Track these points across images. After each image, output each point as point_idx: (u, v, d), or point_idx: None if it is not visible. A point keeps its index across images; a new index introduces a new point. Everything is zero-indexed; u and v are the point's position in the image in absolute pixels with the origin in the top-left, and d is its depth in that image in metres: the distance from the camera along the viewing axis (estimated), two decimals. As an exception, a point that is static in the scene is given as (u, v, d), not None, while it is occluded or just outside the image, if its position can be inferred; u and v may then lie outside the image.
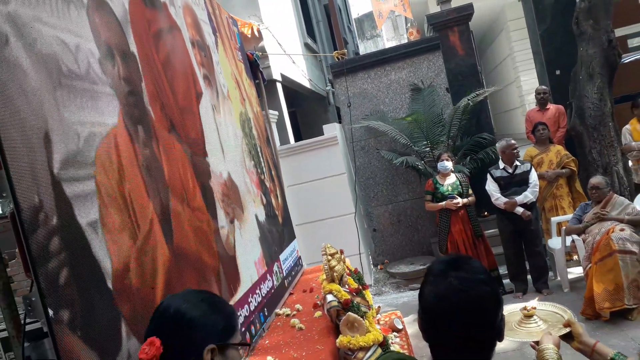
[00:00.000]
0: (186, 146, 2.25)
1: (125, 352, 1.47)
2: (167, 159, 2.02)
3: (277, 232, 3.65)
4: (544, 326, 1.49)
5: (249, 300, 2.66)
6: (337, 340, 2.77)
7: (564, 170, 5.35)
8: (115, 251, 1.51)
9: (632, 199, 4.87)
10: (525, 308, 1.57)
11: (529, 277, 5.07)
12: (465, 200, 5.02)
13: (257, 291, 2.84)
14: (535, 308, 1.56)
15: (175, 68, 2.33)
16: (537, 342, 1.40)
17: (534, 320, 1.52)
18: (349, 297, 3.14)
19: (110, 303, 1.44)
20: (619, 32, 6.24)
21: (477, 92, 6.30)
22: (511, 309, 1.64)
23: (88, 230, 1.41)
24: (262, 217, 3.30)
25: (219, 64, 3.03)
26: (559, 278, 5.02)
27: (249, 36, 5.11)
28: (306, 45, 8.96)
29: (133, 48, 1.91)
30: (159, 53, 2.15)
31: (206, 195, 2.35)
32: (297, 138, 7.77)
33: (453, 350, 1.06)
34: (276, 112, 6.03)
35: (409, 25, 10.02)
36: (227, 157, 2.81)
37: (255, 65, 4.67)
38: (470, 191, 5.13)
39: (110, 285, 1.45)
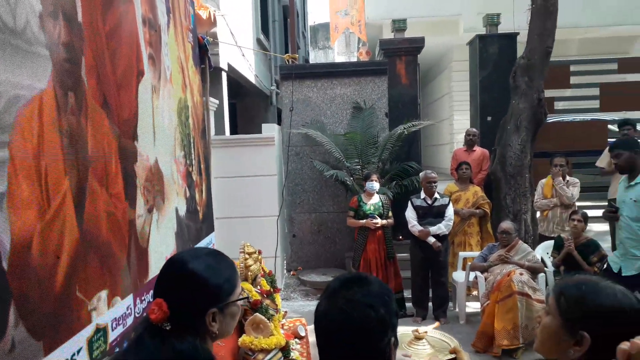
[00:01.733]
0: (116, 126, 2.13)
1: (9, 340, 1.35)
2: (94, 136, 1.91)
3: (195, 228, 3.56)
4: (430, 350, 1.58)
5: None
6: (240, 339, 2.76)
7: (477, 211, 5.69)
8: (18, 228, 1.40)
9: (534, 248, 5.29)
10: (417, 330, 1.66)
11: (430, 304, 5.33)
12: (384, 221, 5.21)
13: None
14: (426, 332, 1.66)
15: (121, 41, 2.21)
16: None
17: (423, 343, 1.62)
18: (259, 298, 3.14)
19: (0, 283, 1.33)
20: (549, 93, 6.76)
21: (413, 122, 6.55)
22: (404, 330, 1.74)
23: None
24: (182, 211, 3.21)
25: (167, 45, 2.92)
26: (457, 309, 5.32)
27: (204, 19, 4.99)
28: (258, 41, 8.89)
29: (79, 12, 1.80)
30: (106, 23, 2.04)
31: (127, 182, 2.24)
32: (233, 131, 7.66)
33: None
34: (217, 101, 5.91)
35: (360, 45, 10.24)
36: (158, 143, 2.70)
37: (204, 50, 4.56)
38: (390, 214, 5.33)
39: (4, 264, 1.34)
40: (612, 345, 1.00)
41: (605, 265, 4.17)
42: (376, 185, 5.29)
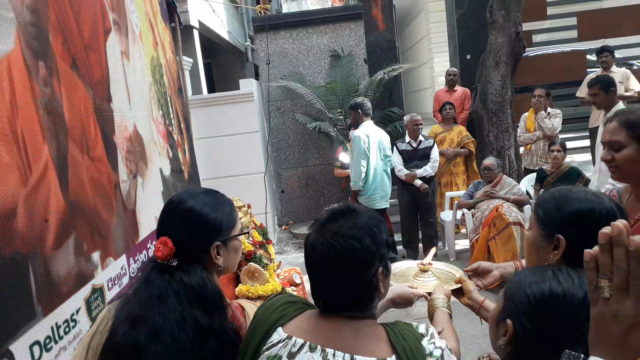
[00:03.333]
0: (90, 88, 2.08)
1: (9, 302, 1.37)
2: (68, 99, 1.85)
3: (182, 187, 3.54)
4: (436, 281, 1.62)
5: (148, 247, 2.59)
6: (237, 289, 2.82)
7: (462, 150, 5.74)
8: (1, 194, 1.38)
9: (519, 182, 5.39)
10: (422, 263, 1.69)
11: (420, 245, 5.46)
12: None
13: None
14: (431, 264, 1.69)
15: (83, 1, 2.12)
16: (430, 294, 1.52)
17: (429, 275, 1.65)
18: (252, 248, 3.19)
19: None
20: (527, 26, 6.69)
21: (393, 67, 6.48)
22: (408, 264, 1.78)
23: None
24: (167, 171, 3.18)
25: (133, 1, 2.81)
26: (447, 248, 5.46)
27: (168, -25, 4.78)
28: (228, -5, 8.57)
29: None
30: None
31: (108, 145, 2.20)
32: (211, 91, 7.51)
33: (327, 296, 1.11)
34: (191, 60, 5.76)
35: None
36: (134, 105, 2.64)
37: (172, 7, 4.40)
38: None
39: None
40: (586, 246, 1.04)
41: None
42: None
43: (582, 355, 0.87)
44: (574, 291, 0.93)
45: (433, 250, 1.82)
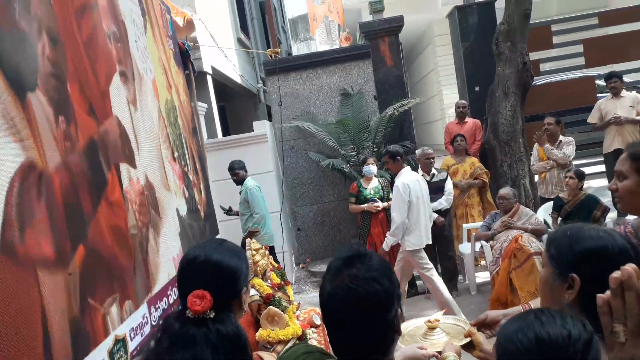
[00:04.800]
0: (103, 134, 2.15)
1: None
2: (85, 145, 1.92)
3: (199, 227, 3.59)
4: (446, 338, 1.59)
5: (168, 293, 2.61)
6: (257, 334, 2.79)
7: (476, 181, 5.72)
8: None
9: (535, 211, 5.32)
10: (429, 321, 1.67)
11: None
12: (384, 204, 5.23)
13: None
14: (438, 320, 1.66)
15: (98, 49, 2.22)
16: (440, 353, 1.50)
17: (438, 332, 1.63)
18: (270, 291, 3.17)
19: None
20: (534, 56, 6.77)
21: (402, 102, 6.57)
22: (416, 323, 1.74)
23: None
24: (183, 211, 3.23)
25: (146, 48, 2.93)
26: (467, 281, 5.36)
27: (182, 25, 4.98)
28: (239, 41, 8.87)
29: (58, 24, 1.81)
30: (82, 32, 2.04)
31: (124, 190, 2.26)
32: (225, 133, 7.67)
33: (348, 343, 1.10)
34: (205, 105, 5.92)
35: (341, 31, 10.23)
36: (142, 155, 2.70)
37: (185, 56, 4.56)
38: (391, 195, 5.35)
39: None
40: (600, 285, 1.03)
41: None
42: (373, 168, 5.31)
43: None
44: (557, 332, 0.90)
45: (441, 313, 1.78)
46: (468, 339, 1.50)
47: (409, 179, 4.43)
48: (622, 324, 0.67)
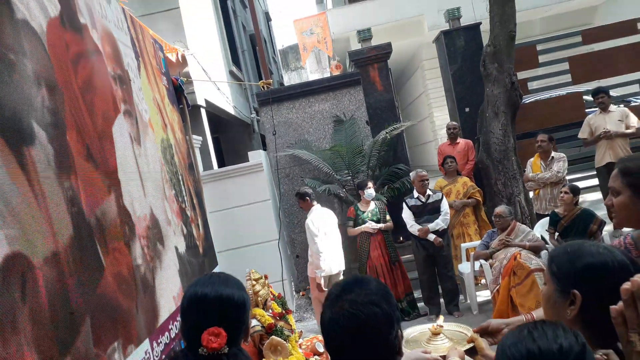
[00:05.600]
0: (105, 178, 2.19)
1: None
2: (86, 193, 1.95)
3: (198, 263, 3.59)
4: (449, 343, 1.62)
5: (169, 327, 2.61)
6: (260, 365, 2.78)
7: (469, 200, 5.77)
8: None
9: (532, 227, 5.36)
10: (433, 327, 1.70)
11: (441, 300, 5.36)
12: (381, 225, 5.26)
13: (178, 318, 2.78)
14: (442, 327, 1.70)
15: (95, 93, 2.28)
16: (444, 357, 1.52)
17: (441, 337, 1.66)
18: (272, 321, 3.18)
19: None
20: (521, 75, 6.91)
21: (394, 126, 6.66)
22: (420, 329, 1.78)
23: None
24: (182, 248, 3.24)
25: (141, 89, 3.00)
26: (468, 301, 5.35)
27: (174, 61, 5.09)
28: (231, 73, 9.02)
29: (55, 71, 1.87)
30: (78, 77, 2.10)
31: (125, 232, 2.29)
32: (221, 164, 7.73)
33: None
34: (200, 138, 5.99)
35: (332, 59, 10.43)
36: (148, 191, 2.75)
37: (179, 91, 4.65)
38: (388, 217, 5.40)
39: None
40: (602, 300, 1.06)
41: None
42: (373, 191, 5.39)
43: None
44: (548, 346, 0.94)
45: (441, 319, 1.81)
46: (471, 344, 1.53)
47: (315, 217, 4.95)
48: (638, 333, 0.69)
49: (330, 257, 4.92)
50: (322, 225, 4.94)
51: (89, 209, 1.95)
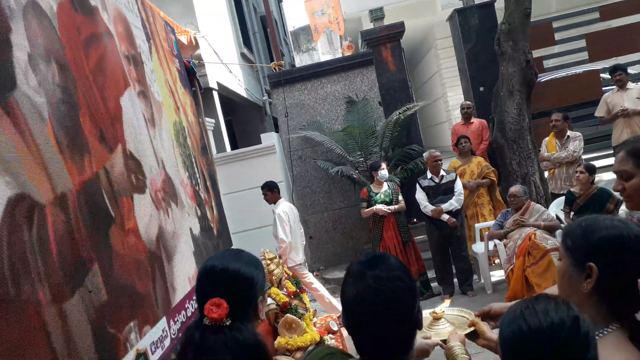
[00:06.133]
0: (120, 158, 2.21)
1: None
2: (99, 172, 1.98)
3: (212, 245, 3.63)
4: (450, 328, 1.62)
5: (186, 306, 2.66)
6: (276, 342, 2.83)
7: (484, 180, 5.72)
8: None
9: (547, 206, 5.31)
10: (434, 312, 1.70)
11: (455, 280, 5.37)
12: (393, 207, 5.26)
13: (194, 297, 2.83)
14: (443, 311, 1.70)
15: (106, 75, 2.29)
16: (445, 342, 1.53)
17: (442, 322, 1.66)
18: (287, 299, 3.22)
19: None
20: (536, 53, 6.77)
21: (407, 106, 6.60)
22: (423, 314, 1.77)
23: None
24: (196, 230, 3.28)
25: (153, 72, 3.01)
26: (482, 280, 5.35)
27: (186, 43, 5.08)
28: (242, 55, 8.99)
29: (66, 52, 1.88)
30: (89, 59, 2.11)
31: (139, 213, 2.31)
32: (234, 147, 7.76)
33: (376, 344, 1.13)
34: (213, 120, 6.01)
35: (343, 40, 10.33)
36: (163, 173, 2.77)
37: (191, 73, 4.65)
38: (401, 198, 5.39)
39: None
40: (618, 272, 1.07)
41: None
42: (387, 172, 5.39)
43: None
44: (539, 323, 0.95)
45: (447, 302, 1.81)
46: (472, 328, 1.54)
47: (286, 208, 5.15)
48: None
49: (296, 247, 5.21)
50: (291, 216, 5.18)
51: (105, 189, 1.98)
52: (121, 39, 2.54)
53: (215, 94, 6.53)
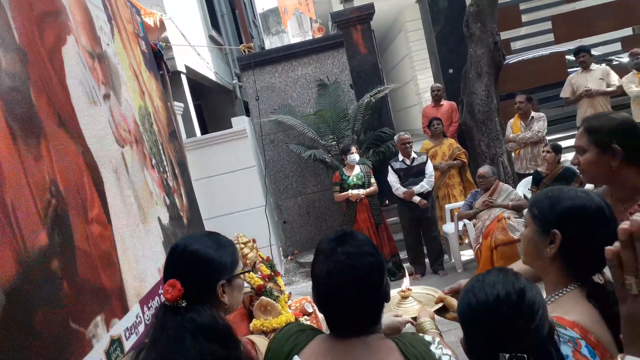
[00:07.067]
0: (78, 144, 2.13)
1: None
2: (59, 161, 1.90)
3: (182, 234, 3.58)
4: (418, 305, 1.66)
5: (159, 292, 2.62)
6: (251, 324, 2.84)
7: (455, 162, 5.81)
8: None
9: (515, 186, 5.44)
10: (402, 290, 1.73)
11: (427, 260, 5.47)
12: (364, 191, 5.30)
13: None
14: (410, 290, 1.73)
15: (63, 57, 2.20)
16: (415, 319, 1.56)
17: (410, 300, 1.69)
18: (261, 282, 3.22)
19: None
20: (504, 35, 6.85)
21: (378, 89, 6.61)
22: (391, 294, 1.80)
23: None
24: (165, 219, 3.22)
25: (116, 55, 2.91)
26: (453, 260, 5.47)
27: (152, 25, 4.94)
28: (211, 38, 8.80)
29: (16, 35, 1.80)
30: (44, 40, 2.02)
31: (103, 202, 2.25)
32: (204, 131, 7.63)
33: (348, 318, 1.16)
34: (182, 104, 5.88)
35: (313, 22, 10.23)
36: (127, 161, 2.70)
37: (159, 56, 4.54)
38: (373, 180, 5.43)
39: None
40: (579, 239, 1.16)
41: None
42: (357, 156, 5.39)
43: (525, 356, 0.92)
44: (485, 297, 0.99)
45: (407, 278, 1.84)
46: (440, 305, 1.58)
47: None
48: (634, 275, 0.67)
49: None
50: None
51: (63, 178, 1.92)
52: (78, 22, 2.45)
53: (184, 78, 6.38)
